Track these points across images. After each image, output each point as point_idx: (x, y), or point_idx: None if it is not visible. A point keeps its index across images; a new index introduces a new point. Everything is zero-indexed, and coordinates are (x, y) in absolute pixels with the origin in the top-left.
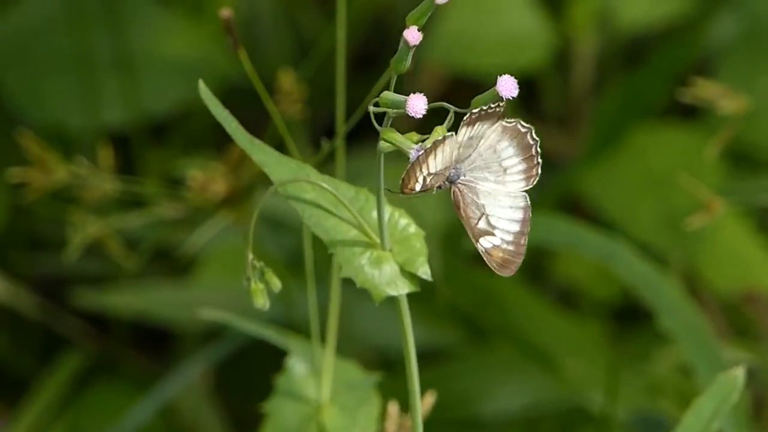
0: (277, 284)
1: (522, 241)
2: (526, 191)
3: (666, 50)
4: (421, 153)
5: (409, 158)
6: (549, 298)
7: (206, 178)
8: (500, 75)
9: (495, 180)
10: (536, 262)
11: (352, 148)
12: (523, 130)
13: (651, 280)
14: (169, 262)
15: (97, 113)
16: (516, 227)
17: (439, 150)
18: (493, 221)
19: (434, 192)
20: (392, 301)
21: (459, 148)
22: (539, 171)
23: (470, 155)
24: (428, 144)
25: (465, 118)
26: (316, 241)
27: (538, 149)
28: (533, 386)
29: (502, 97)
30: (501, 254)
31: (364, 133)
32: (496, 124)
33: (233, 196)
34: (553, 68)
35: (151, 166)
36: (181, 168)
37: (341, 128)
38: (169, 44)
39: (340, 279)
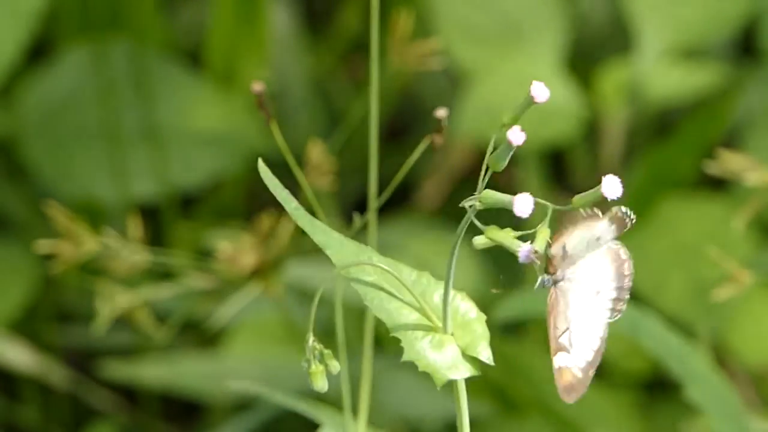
0: (336, 367)
1: (590, 373)
2: (608, 322)
3: (695, 123)
4: (584, 217)
5: (518, 258)
6: None
7: (235, 249)
8: (605, 177)
9: (587, 298)
10: None
11: (382, 220)
12: (623, 257)
13: (679, 352)
14: (199, 334)
15: (127, 185)
16: (591, 356)
17: (587, 225)
18: (573, 339)
19: (537, 284)
20: (423, 372)
21: (585, 243)
22: (625, 307)
23: (576, 263)
24: (539, 243)
25: (613, 212)
26: (347, 313)
27: (630, 283)
28: None
29: (605, 198)
30: (570, 378)
31: (393, 205)
32: (604, 245)
33: (262, 267)
34: (583, 140)
35: (181, 237)
36: (211, 239)
37: (373, 201)
38: (199, 116)
39: (372, 351)
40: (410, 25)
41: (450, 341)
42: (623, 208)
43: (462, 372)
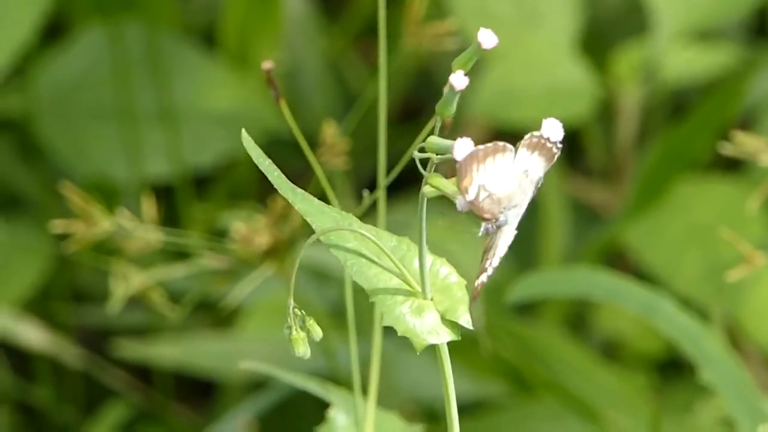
0: (318, 333)
1: (493, 273)
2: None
3: (709, 104)
4: (481, 149)
5: (456, 205)
6: (592, 350)
7: (249, 230)
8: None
9: (516, 216)
10: (579, 314)
11: (394, 200)
12: (554, 151)
13: (693, 333)
14: (212, 314)
15: (141, 165)
16: (498, 261)
17: (498, 157)
18: (494, 261)
19: (480, 231)
20: (435, 352)
21: (514, 180)
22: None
23: (518, 205)
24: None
25: (524, 138)
26: (358, 292)
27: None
28: None
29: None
30: (480, 289)
31: (406, 186)
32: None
33: (276, 247)
34: (597, 121)
35: (195, 217)
36: (225, 220)
37: (383, 179)
38: (213, 96)
39: (382, 330)
40: (424, 6)
41: (429, 306)
42: (536, 133)
43: (442, 337)
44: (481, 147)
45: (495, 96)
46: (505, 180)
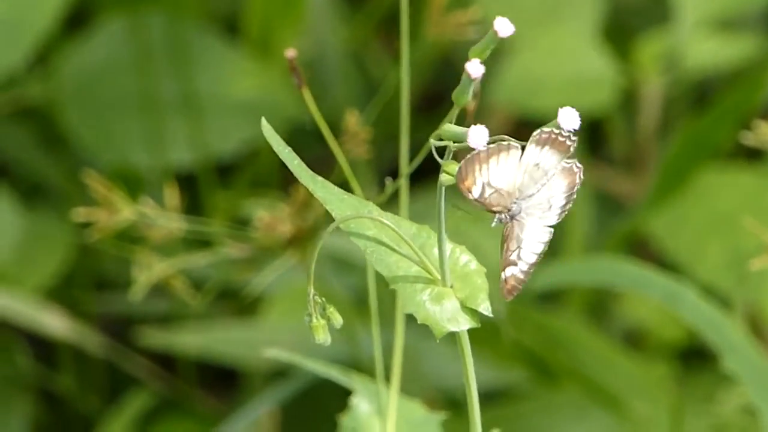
0: (338, 320)
1: (531, 270)
2: (553, 226)
3: (731, 93)
4: (483, 150)
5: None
6: (614, 339)
7: (272, 218)
8: (561, 108)
9: (539, 216)
10: (601, 303)
11: (416, 189)
12: (575, 170)
13: (715, 322)
14: (235, 302)
15: (164, 153)
16: (533, 259)
17: (502, 156)
18: (522, 254)
19: (493, 223)
20: (456, 340)
21: (524, 174)
22: (570, 207)
23: (534, 194)
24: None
25: (534, 134)
26: (381, 281)
27: (578, 187)
28: (599, 427)
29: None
30: (513, 282)
31: (428, 175)
32: (561, 163)
33: (299, 236)
34: (620, 110)
35: (218, 206)
36: (248, 208)
37: (405, 168)
38: (236, 85)
39: (404, 318)
40: None
41: (449, 294)
42: (545, 128)
43: (461, 324)
44: (483, 148)
45: (518, 85)
46: (512, 175)
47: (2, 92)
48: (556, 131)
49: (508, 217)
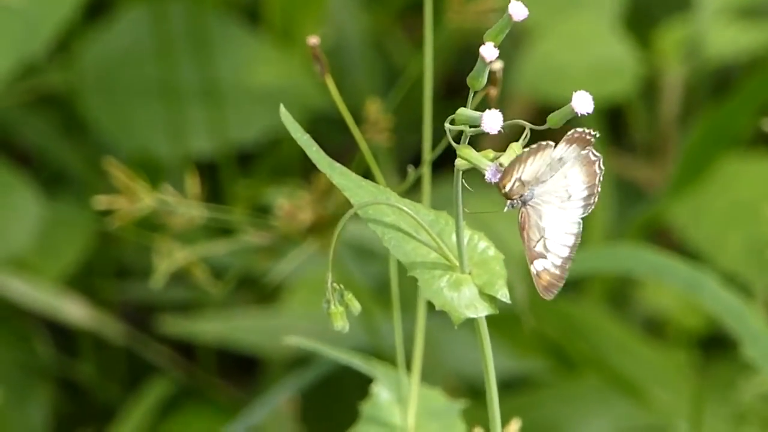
0: (357, 307)
1: (567, 266)
2: (581, 218)
3: (752, 81)
4: (525, 151)
5: (484, 176)
6: (634, 327)
7: (293, 206)
8: (576, 91)
9: (558, 205)
10: (622, 291)
11: (438, 176)
12: (593, 158)
13: (736, 310)
14: (256, 290)
15: (185, 141)
16: (566, 252)
17: (539, 156)
18: (548, 245)
19: (506, 208)
20: (477, 328)
21: (547, 166)
22: (597, 200)
23: (548, 180)
24: (507, 157)
25: (567, 135)
26: (403, 269)
27: (601, 179)
28: (619, 415)
29: (578, 115)
30: (548, 278)
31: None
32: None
33: (320, 224)
34: (641, 98)
35: (238, 194)
36: (268, 196)
37: (427, 156)
38: (257, 73)
39: (425, 306)
40: None
41: (467, 280)
42: (578, 129)
43: (479, 311)
44: (526, 149)
45: (539, 72)
46: (538, 168)
47: (24, 80)
48: (586, 132)
49: (519, 202)
